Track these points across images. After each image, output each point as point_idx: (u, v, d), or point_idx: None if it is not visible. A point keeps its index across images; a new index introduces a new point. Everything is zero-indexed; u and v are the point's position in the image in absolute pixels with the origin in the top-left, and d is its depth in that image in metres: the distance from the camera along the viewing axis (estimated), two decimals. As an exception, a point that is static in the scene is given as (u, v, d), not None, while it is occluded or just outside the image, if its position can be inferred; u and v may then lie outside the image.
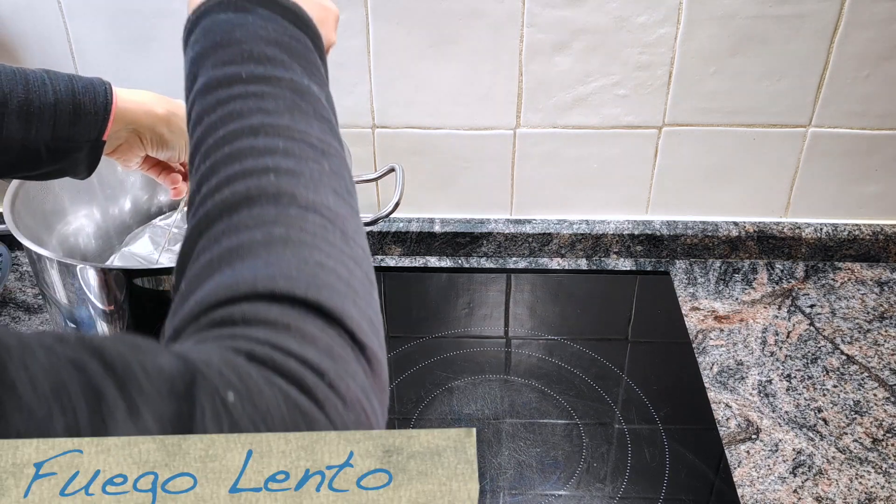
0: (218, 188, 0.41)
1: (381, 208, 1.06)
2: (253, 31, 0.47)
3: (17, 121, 0.62)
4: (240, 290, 0.36)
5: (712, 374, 0.92)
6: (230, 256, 0.38)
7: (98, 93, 0.65)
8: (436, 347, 0.96)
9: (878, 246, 1.08)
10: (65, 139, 0.64)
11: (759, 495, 0.78)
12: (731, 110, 1.01)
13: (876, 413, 0.87)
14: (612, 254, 1.11)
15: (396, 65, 0.99)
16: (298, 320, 0.35)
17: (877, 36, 0.94)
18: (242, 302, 0.36)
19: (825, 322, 0.99)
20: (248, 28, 0.47)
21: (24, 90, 0.62)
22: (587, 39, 0.97)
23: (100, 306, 0.76)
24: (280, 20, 0.49)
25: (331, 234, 0.40)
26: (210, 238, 0.39)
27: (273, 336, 0.34)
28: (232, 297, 0.36)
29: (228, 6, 0.49)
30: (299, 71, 0.47)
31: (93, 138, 0.66)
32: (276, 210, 0.39)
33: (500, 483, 0.80)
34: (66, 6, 0.97)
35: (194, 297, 0.37)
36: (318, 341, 0.35)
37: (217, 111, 0.44)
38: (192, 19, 0.50)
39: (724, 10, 0.93)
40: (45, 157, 0.64)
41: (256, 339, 0.34)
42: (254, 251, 0.38)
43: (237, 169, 0.41)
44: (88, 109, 0.64)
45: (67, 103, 0.63)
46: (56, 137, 0.64)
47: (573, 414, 0.87)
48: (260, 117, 0.43)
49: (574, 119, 1.02)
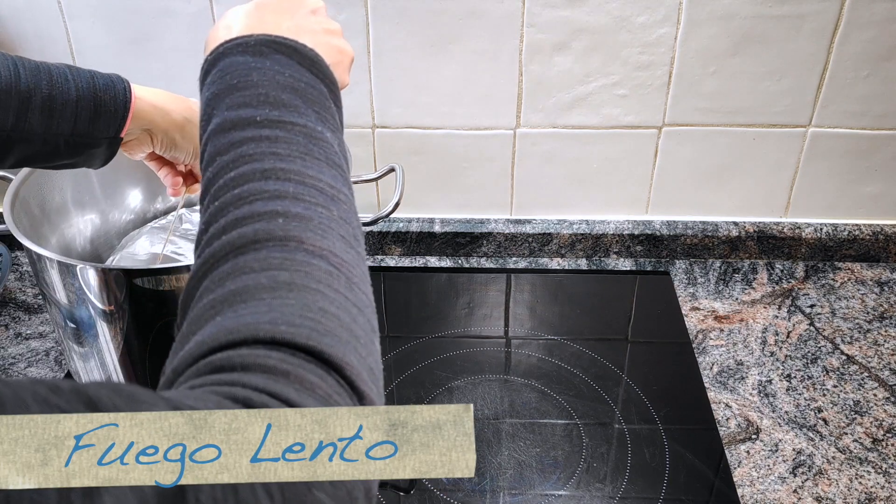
0: (225, 230, 0.41)
1: (381, 208, 1.06)
2: (270, 76, 0.48)
3: (40, 115, 0.63)
4: (240, 335, 0.36)
5: (712, 374, 0.92)
6: (233, 299, 0.38)
7: (118, 91, 0.66)
8: (436, 347, 0.96)
9: (878, 246, 1.08)
10: (84, 135, 0.65)
11: (759, 495, 0.78)
12: (731, 110, 1.01)
13: (876, 413, 0.87)
14: (612, 254, 1.11)
15: (396, 65, 0.99)
16: (298, 368, 0.36)
17: (877, 36, 0.94)
18: (242, 347, 0.36)
19: (825, 322, 0.99)
20: (265, 72, 0.48)
21: (48, 85, 0.63)
22: (587, 39, 0.97)
23: (100, 306, 0.76)
24: (297, 66, 0.49)
25: (336, 280, 0.40)
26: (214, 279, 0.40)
27: (271, 383, 0.34)
28: (232, 342, 0.36)
29: (247, 49, 0.49)
30: (314, 117, 0.47)
31: (111, 135, 0.67)
32: (282, 254, 0.40)
33: (500, 483, 0.80)
34: (66, 6, 0.97)
35: (195, 338, 0.37)
36: (317, 389, 0.35)
37: (230, 153, 0.44)
38: (209, 59, 0.51)
39: (724, 10, 0.94)
40: (63, 150, 0.65)
41: (254, 387, 0.34)
42: (257, 295, 0.38)
43: (246, 211, 0.41)
44: (108, 107, 0.65)
45: (89, 100, 0.64)
46: (76, 133, 0.65)
47: (573, 414, 0.87)
48: (272, 161, 0.43)
49: (574, 119, 1.02)
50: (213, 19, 0.97)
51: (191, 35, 0.98)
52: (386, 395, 0.91)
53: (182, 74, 0.99)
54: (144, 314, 0.76)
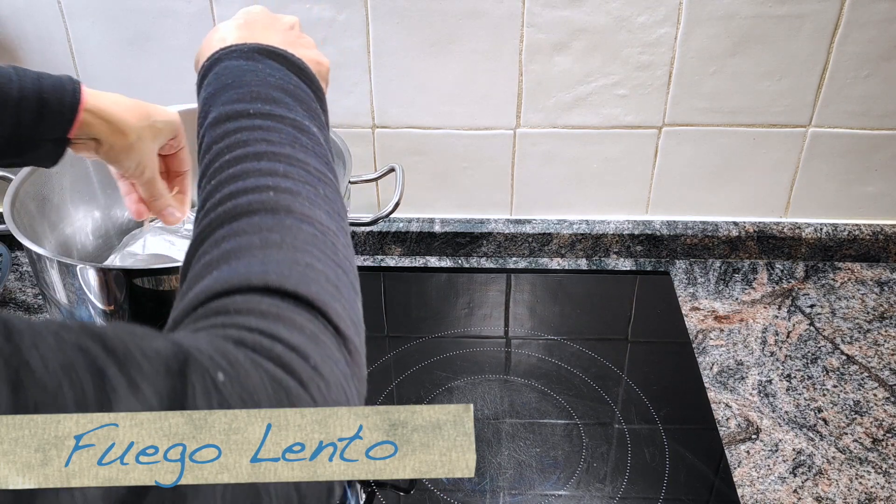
0: (221, 202, 0.45)
1: (381, 208, 1.06)
2: (262, 77, 0.52)
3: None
4: (234, 284, 0.39)
5: (712, 374, 0.92)
6: (228, 256, 0.41)
7: (66, 92, 0.65)
8: (436, 347, 0.96)
9: (878, 246, 1.08)
10: (27, 135, 0.64)
11: (759, 495, 0.78)
12: (731, 110, 1.01)
13: (876, 413, 0.87)
14: (612, 254, 1.11)
15: (396, 65, 0.99)
16: (287, 311, 0.39)
17: (877, 36, 0.94)
18: (236, 294, 0.39)
19: (825, 322, 0.99)
20: (258, 74, 0.53)
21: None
22: (587, 39, 0.97)
23: (100, 306, 0.76)
24: (286, 71, 0.54)
25: (321, 243, 0.44)
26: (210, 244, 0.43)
27: (263, 324, 0.37)
28: (227, 290, 0.39)
29: (241, 55, 0.54)
30: (301, 113, 0.52)
31: (56, 136, 0.66)
32: (273, 220, 0.43)
33: (500, 483, 0.80)
34: (66, 6, 0.97)
35: (193, 291, 0.41)
36: (305, 329, 0.38)
37: (224, 140, 0.48)
38: (206, 65, 0.55)
39: (724, 10, 0.94)
40: (5, 149, 0.65)
41: (247, 327, 0.37)
42: (250, 252, 0.41)
43: (239, 186, 0.45)
44: (54, 108, 0.64)
45: (32, 101, 0.63)
46: (18, 133, 0.64)
47: (573, 414, 0.87)
48: (263, 146, 0.47)
49: (574, 119, 1.02)
50: (212, 19, 0.97)
51: (191, 35, 0.98)
52: (386, 395, 0.91)
53: (182, 75, 0.99)
54: (144, 314, 0.76)
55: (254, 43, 0.55)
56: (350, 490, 0.81)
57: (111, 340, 0.31)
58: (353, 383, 0.40)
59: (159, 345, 0.33)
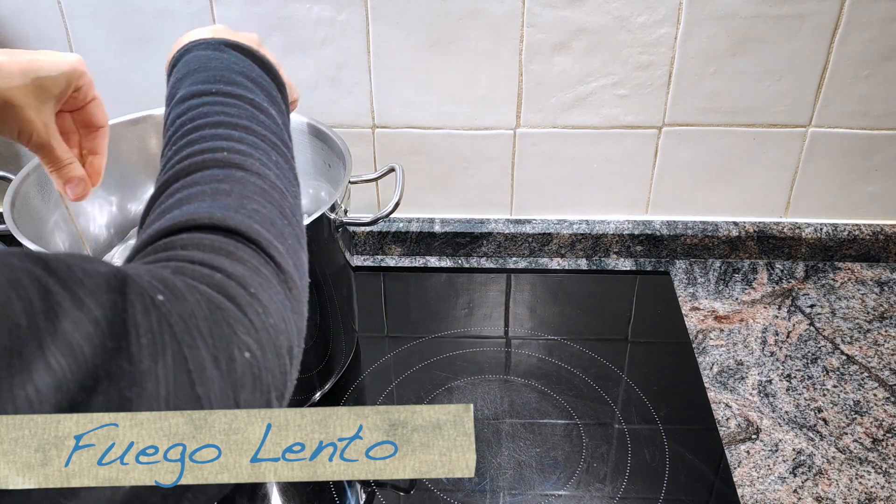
0: (179, 161, 0.48)
1: (381, 208, 1.06)
2: (227, 64, 0.56)
3: None
4: (182, 222, 0.42)
5: (712, 374, 0.92)
6: (180, 203, 0.44)
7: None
8: (436, 347, 0.97)
9: (878, 246, 1.08)
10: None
11: (759, 495, 0.78)
12: (731, 110, 1.01)
13: (876, 413, 0.87)
14: (612, 254, 1.11)
15: (396, 65, 0.99)
16: (229, 245, 0.41)
17: (877, 36, 0.94)
18: (183, 232, 0.42)
19: (825, 322, 0.99)
20: (223, 62, 0.57)
21: None
22: (587, 39, 0.97)
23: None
24: (250, 63, 0.58)
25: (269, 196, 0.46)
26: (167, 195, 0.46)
27: (204, 256, 0.40)
28: (175, 228, 0.42)
29: (209, 47, 0.58)
30: (262, 96, 0.55)
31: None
32: (224, 172, 0.46)
33: (500, 483, 0.80)
34: (66, 6, 0.97)
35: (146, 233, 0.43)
36: (246, 262, 0.41)
37: (186, 114, 0.52)
38: (176, 56, 0.59)
39: (724, 10, 0.94)
40: None
41: (189, 259, 0.39)
42: (200, 198, 0.44)
43: (196, 148, 0.48)
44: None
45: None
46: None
47: (573, 414, 0.87)
48: (222, 117, 0.51)
49: (574, 119, 1.03)
50: (213, 19, 0.97)
51: (191, 35, 0.98)
52: (386, 395, 0.91)
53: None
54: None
55: (222, 38, 0.59)
56: (350, 490, 0.81)
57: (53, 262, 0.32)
58: (290, 315, 0.42)
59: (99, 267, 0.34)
